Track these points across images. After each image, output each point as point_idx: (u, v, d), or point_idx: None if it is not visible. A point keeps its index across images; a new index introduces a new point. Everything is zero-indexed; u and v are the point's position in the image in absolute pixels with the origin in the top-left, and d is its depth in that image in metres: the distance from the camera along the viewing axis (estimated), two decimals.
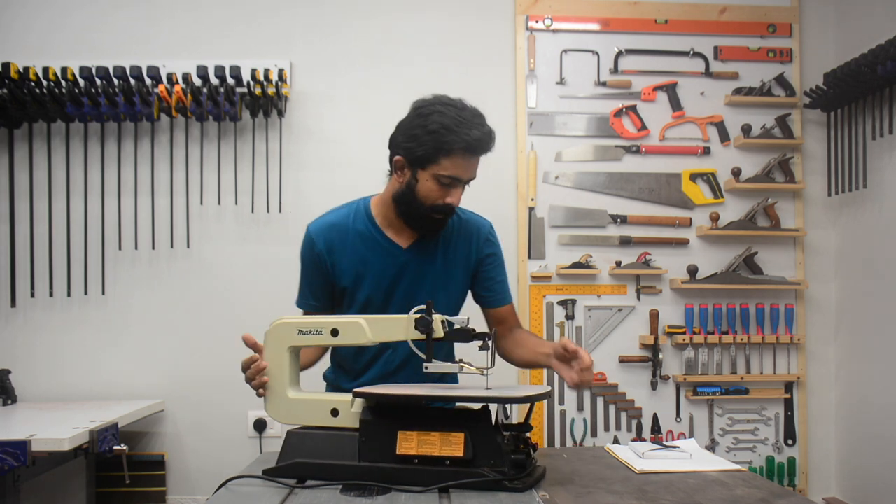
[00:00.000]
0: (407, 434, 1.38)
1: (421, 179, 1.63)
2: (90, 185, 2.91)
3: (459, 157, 1.59)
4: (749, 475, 1.50)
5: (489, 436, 1.36)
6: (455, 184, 1.62)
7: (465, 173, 1.62)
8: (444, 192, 1.62)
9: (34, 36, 2.95)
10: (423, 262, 1.74)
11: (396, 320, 1.49)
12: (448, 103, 1.62)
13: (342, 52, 3.02)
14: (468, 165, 1.62)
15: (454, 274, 1.77)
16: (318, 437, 1.45)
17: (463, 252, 1.77)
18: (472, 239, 1.78)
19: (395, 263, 1.72)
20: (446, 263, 1.76)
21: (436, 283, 1.74)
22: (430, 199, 1.63)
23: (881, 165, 2.83)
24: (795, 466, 3.05)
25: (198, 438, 2.93)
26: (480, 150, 1.62)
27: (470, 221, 1.80)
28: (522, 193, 3.03)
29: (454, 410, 1.50)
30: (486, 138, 1.61)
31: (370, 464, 1.39)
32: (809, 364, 3.10)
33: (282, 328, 1.52)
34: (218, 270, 2.95)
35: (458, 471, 1.35)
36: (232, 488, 1.41)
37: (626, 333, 3.04)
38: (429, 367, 1.46)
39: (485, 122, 1.63)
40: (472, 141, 1.58)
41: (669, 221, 3.06)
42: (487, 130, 1.62)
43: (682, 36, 3.10)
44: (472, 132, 1.58)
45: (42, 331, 2.91)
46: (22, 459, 1.94)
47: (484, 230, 1.81)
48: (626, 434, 3.03)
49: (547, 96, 3.06)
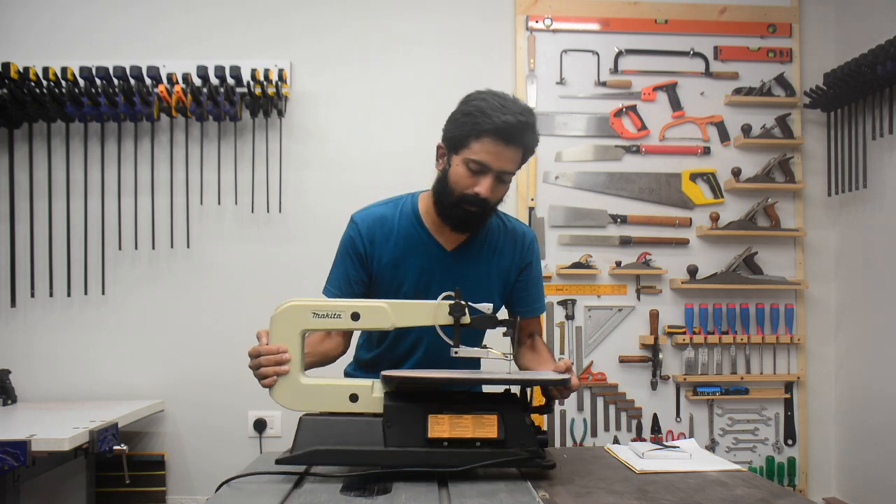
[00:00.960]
0: (438, 417, 1.39)
1: (453, 164, 1.58)
2: (90, 185, 2.92)
3: (490, 142, 1.53)
4: (749, 475, 1.49)
5: (519, 417, 1.41)
6: (484, 171, 1.55)
7: (495, 161, 1.54)
8: (473, 180, 1.56)
9: (34, 36, 2.95)
10: (466, 265, 1.69)
11: (423, 305, 1.48)
12: (495, 93, 1.57)
13: (342, 52, 3.02)
14: (499, 152, 1.53)
15: (494, 281, 1.72)
16: (339, 423, 1.41)
17: (507, 260, 1.73)
18: (517, 248, 1.74)
19: (436, 265, 1.68)
20: (489, 270, 1.71)
21: (475, 288, 1.66)
22: (460, 186, 1.57)
23: (881, 165, 2.83)
24: (795, 466, 3.06)
25: (198, 438, 2.93)
26: (512, 136, 1.53)
27: (516, 230, 1.75)
28: (522, 193, 3.03)
29: (482, 394, 1.51)
30: (519, 125, 1.52)
31: (398, 448, 1.39)
32: (809, 364, 3.10)
33: (294, 310, 1.46)
34: (218, 270, 2.95)
35: (491, 451, 1.39)
36: (233, 487, 1.41)
37: (626, 333, 3.04)
38: (458, 352, 1.47)
39: (526, 113, 1.54)
40: (501, 124, 1.51)
41: (669, 221, 3.06)
42: (525, 120, 1.53)
43: (682, 36, 3.10)
44: (506, 116, 1.51)
45: (42, 331, 2.91)
46: (22, 459, 1.94)
47: (528, 240, 1.76)
48: (626, 434, 3.03)
49: (547, 96, 3.06)
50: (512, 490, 1.34)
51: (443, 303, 1.47)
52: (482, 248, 1.70)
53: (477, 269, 1.70)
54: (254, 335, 1.50)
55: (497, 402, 1.44)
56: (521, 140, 1.55)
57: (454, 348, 1.48)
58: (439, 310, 1.47)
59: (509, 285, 1.76)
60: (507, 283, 1.75)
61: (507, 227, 1.75)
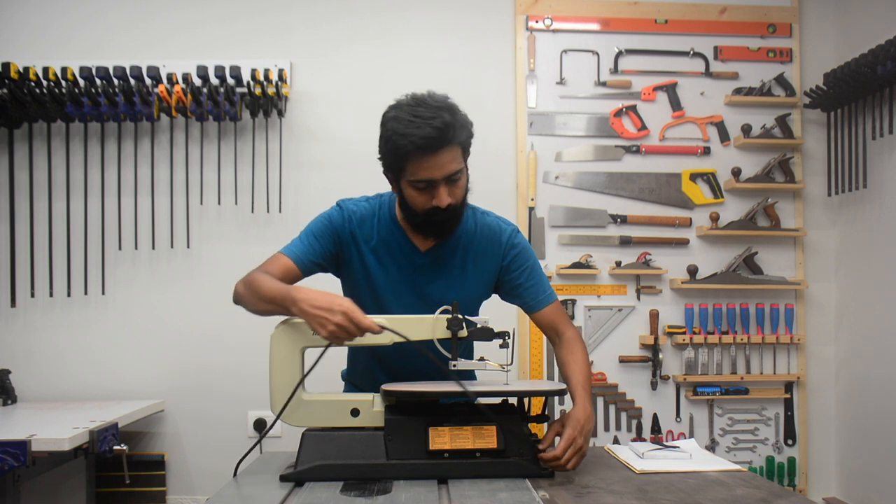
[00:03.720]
0: (439, 430, 1.42)
1: (403, 188, 1.57)
2: (90, 185, 2.92)
3: (420, 159, 1.49)
4: (749, 475, 1.50)
5: (517, 427, 1.45)
6: (432, 185, 1.52)
7: (436, 172, 1.50)
8: (428, 196, 1.54)
9: (34, 36, 2.95)
10: (441, 266, 1.68)
11: (421, 320, 1.51)
12: (403, 104, 1.53)
13: (342, 52, 3.02)
14: (434, 163, 1.50)
15: (471, 279, 1.70)
16: (341, 437, 1.44)
17: (483, 258, 1.70)
18: (494, 246, 1.70)
19: (411, 265, 1.67)
20: (464, 269, 1.69)
21: (450, 286, 1.67)
22: (418, 205, 1.56)
23: (881, 165, 2.83)
24: (795, 466, 3.05)
25: (198, 438, 2.93)
26: (438, 144, 1.48)
27: (490, 227, 1.71)
28: (522, 193, 3.03)
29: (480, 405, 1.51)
30: (438, 133, 1.47)
31: (400, 461, 1.41)
32: (809, 364, 3.10)
33: (293, 328, 1.48)
34: (218, 270, 2.95)
35: (491, 462, 1.42)
36: (233, 488, 1.41)
37: (626, 333, 3.04)
38: (456, 365, 1.50)
39: (441, 114, 1.48)
40: (420, 141, 1.46)
41: (669, 221, 3.06)
42: (442, 123, 1.47)
43: (682, 36, 3.10)
44: (423, 130, 1.46)
45: (42, 331, 2.91)
46: (22, 459, 1.94)
47: (506, 236, 1.71)
48: (626, 434, 3.03)
49: (547, 96, 3.06)
50: (512, 490, 1.34)
51: (440, 317, 1.49)
52: (456, 248, 1.69)
53: (450, 268, 1.69)
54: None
55: (496, 412, 1.48)
56: (450, 140, 1.50)
57: (452, 361, 1.50)
58: (437, 324, 1.49)
59: (491, 281, 1.73)
60: (488, 280, 1.72)
61: (479, 223, 1.71)
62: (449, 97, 1.56)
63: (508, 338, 1.50)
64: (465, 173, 1.59)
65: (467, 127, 1.55)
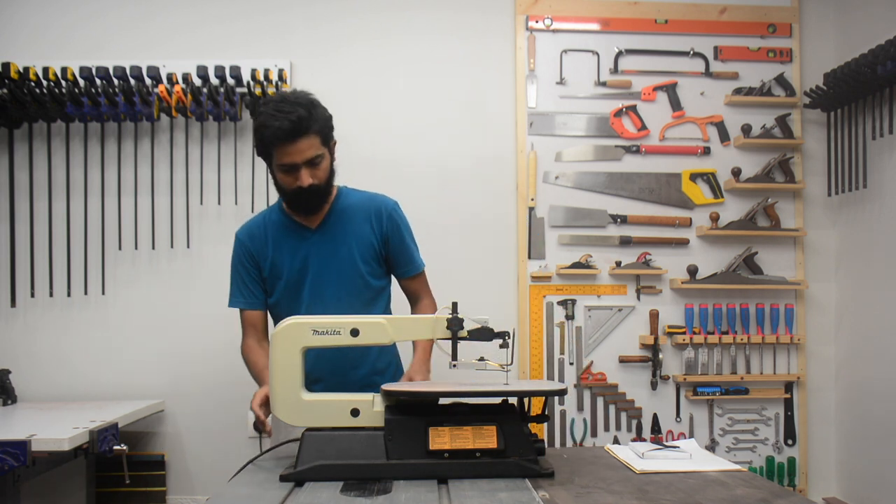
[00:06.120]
0: (439, 430, 1.43)
1: (275, 172, 1.86)
2: (90, 185, 2.92)
3: (282, 147, 1.77)
4: (749, 475, 1.50)
5: (517, 427, 1.45)
6: (294, 168, 1.80)
7: (297, 157, 1.78)
8: (293, 178, 1.81)
9: (34, 36, 2.95)
10: (331, 238, 1.94)
11: (422, 320, 1.56)
12: (271, 100, 1.81)
13: (342, 52, 3.02)
14: (294, 150, 1.77)
15: (354, 247, 1.94)
16: (342, 437, 1.44)
17: (364, 226, 1.96)
18: (374, 218, 1.96)
19: (305, 243, 1.94)
20: (350, 239, 1.94)
21: (345, 256, 1.93)
22: (286, 185, 1.84)
23: (881, 165, 2.83)
24: (795, 466, 3.05)
25: (198, 438, 2.93)
26: (295, 133, 1.75)
27: (372, 200, 2.00)
28: (522, 193, 3.02)
29: (480, 405, 1.53)
30: (293, 125, 1.73)
31: (400, 461, 1.41)
32: (809, 364, 3.10)
33: (294, 328, 1.49)
34: (218, 270, 2.93)
35: (491, 462, 1.42)
36: (232, 488, 1.41)
37: (626, 333, 3.04)
38: (456, 365, 1.52)
39: (297, 108, 1.75)
40: (279, 132, 1.74)
41: (669, 221, 3.06)
42: (297, 117, 1.74)
43: (682, 36, 3.10)
44: (278, 123, 1.73)
45: (42, 331, 2.91)
46: (22, 459, 1.94)
47: (386, 210, 1.98)
48: (626, 434, 3.03)
49: (547, 96, 3.06)
50: (512, 490, 1.34)
51: (440, 317, 1.51)
52: (340, 220, 1.95)
53: (342, 239, 1.95)
54: None
55: (496, 412, 1.47)
56: (306, 129, 1.76)
57: (452, 361, 1.52)
58: (437, 324, 1.51)
59: (377, 246, 1.98)
60: (373, 248, 1.97)
61: (361, 198, 2.00)
62: (311, 94, 1.83)
63: (508, 338, 1.52)
64: (328, 157, 1.87)
65: (325, 119, 1.83)
